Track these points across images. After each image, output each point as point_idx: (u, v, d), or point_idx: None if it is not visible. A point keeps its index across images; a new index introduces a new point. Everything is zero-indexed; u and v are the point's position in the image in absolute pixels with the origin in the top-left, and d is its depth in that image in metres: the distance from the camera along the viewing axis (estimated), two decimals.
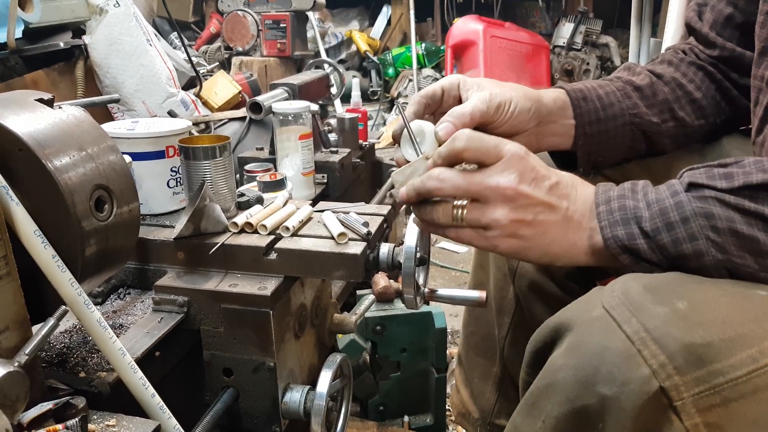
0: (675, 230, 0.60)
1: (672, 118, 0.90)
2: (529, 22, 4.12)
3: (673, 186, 0.62)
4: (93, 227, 0.66)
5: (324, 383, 0.85)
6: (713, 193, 0.59)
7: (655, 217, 0.61)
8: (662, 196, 0.62)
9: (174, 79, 2.16)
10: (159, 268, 0.91)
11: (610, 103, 0.87)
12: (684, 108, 0.90)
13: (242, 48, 3.37)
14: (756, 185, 0.58)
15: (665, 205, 0.61)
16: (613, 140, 0.88)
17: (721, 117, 0.92)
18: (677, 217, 0.60)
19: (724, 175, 0.60)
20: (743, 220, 0.58)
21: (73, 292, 0.63)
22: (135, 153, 0.98)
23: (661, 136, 0.90)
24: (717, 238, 0.59)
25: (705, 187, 0.60)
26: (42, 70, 1.93)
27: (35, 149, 0.62)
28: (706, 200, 0.60)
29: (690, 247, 0.60)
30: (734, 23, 0.88)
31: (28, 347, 0.59)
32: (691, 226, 0.60)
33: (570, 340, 0.58)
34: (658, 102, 0.89)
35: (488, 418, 1.16)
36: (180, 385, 0.88)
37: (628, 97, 0.88)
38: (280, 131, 1.24)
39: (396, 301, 1.43)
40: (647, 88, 0.89)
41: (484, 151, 0.64)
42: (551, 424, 0.58)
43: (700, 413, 0.52)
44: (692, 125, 0.91)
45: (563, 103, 0.85)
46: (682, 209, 0.60)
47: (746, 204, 0.58)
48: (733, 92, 0.91)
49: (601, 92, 0.87)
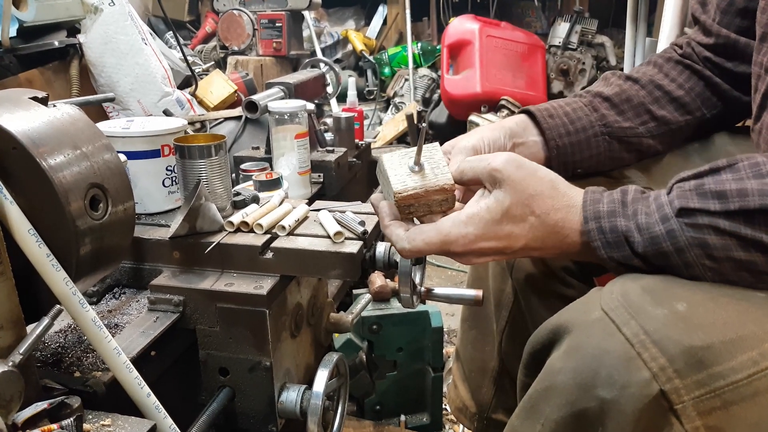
0: (669, 259, 0.59)
1: (652, 119, 0.91)
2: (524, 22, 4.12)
3: (662, 208, 0.59)
4: (88, 226, 0.66)
5: (320, 383, 0.85)
6: (707, 220, 0.57)
7: (647, 245, 0.60)
8: (652, 220, 0.60)
9: (169, 78, 2.16)
10: (154, 267, 0.90)
11: (578, 118, 0.90)
12: (665, 107, 0.92)
13: (238, 47, 3.36)
14: (753, 210, 0.56)
15: (656, 233, 0.59)
16: (587, 151, 0.91)
17: (711, 111, 0.93)
18: (671, 248, 0.58)
19: (716, 194, 0.57)
20: (740, 246, 0.57)
21: (68, 291, 0.63)
22: (130, 152, 0.97)
23: (642, 137, 0.92)
24: (713, 265, 0.58)
25: (697, 212, 0.58)
26: (36, 69, 1.92)
27: (29, 147, 0.62)
28: (700, 229, 0.57)
29: (686, 273, 0.59)
30: (735, 8, 0.89)
31: (23, 347, 0.58)
32: (686, 257, 0.58)
33: (569, 342, 0.58)
34: (632, 106, 0.91)
35: (486, 412, 1.16)
36: (176, 385, 0.87)
37: (596, 109, 0.91)
38: (276, 130, 1.24)
39: (392, 300, 1.43)
40: (616, 96, 0.92)
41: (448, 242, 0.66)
42: (550, 428, 0.58)
43: (701, 416, 0.51)
44: (677, 121, 0.92)
45: (526, 124, 0.89)
46: (675, 239, 0.58)
47: (743, 231, 0.56)
48: (724, 86, 0.92)
49: (568, 109, 0.91)
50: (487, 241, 0.65)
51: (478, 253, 0.67)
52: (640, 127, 0.91)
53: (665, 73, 0.93)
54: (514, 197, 0.64)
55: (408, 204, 0.66)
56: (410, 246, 0.66)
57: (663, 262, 0.60)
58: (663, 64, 0.95)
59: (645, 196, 0.63)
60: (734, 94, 0.91)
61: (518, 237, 0.65)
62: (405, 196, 0.65)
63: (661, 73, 0.93)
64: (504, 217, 0.64)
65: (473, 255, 0.67)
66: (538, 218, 0.64)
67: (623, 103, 0.91)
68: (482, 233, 0.65)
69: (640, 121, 0.91)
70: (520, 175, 0.65)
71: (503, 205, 0.64)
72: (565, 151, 0.90)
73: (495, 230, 0.65)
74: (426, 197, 0.66)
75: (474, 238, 0.65)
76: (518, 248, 0.65)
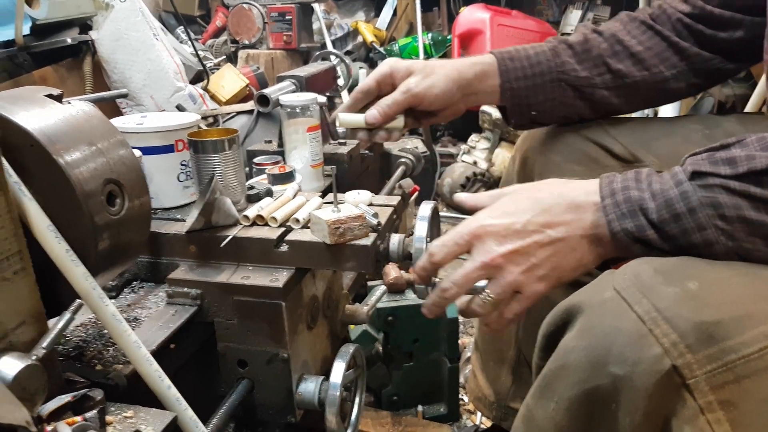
0: (683, 221, 0.60)
1: (607, 71, 0.95)
2: (536, 10, 4.07)
3: (676, 175, 0.62)
4: (105, 221, 0.67)
5: (338, 374, 0.86)
6: (718, 181, 0.59)
7: (662, 208, 0.61)
8: (666, 186, 0.61)
9: (181, 73, 2.16)
10: (171, 261, 0.91)
11: (537, 62, 0.95)
12: (622, 61, 0.95)
13: (248, 41, 3.36)
14: (760, 170, 0.57)
15: (670, 196, 0.60)
16: (542, 95, 0.95)
17: (671, 70, 0.95)
18: (684, 208, 0.60)
19: (727, 161, 0.59)
20: (751, 206, 0.58)
21: (88, 286, 0.63)
22: (145, 147, 0.98)
23: (596, 88, 0.95)
24: (726, 226, 0.59)
25: (709, 174, 0.59)
26: (50, 66, 1.94)
27: (46, 145, 0.63)
28: (711, 189, 0.59)
29: (699, 237, 0.60)
30: None
31: (45, 341, 0.59)
32: (699, 217, 0.59)
33: (581, 322, 0.58)
34: (591, 57, 0.95)
35: (503, 401, 1.17)
36: (195, 377, 0.88)
37: (558, 55, 0.95)
38: (288, 124, 1.24)
39: (407, 291, 1.43)
40: (579, 45, 0.96)
41: (457, 249, 0.71)
42: (564, 406, 0.58)
43: (713, 391, 0.51)
44: (633, 76, 0.95)
45: (484, 73, 0.94)
46: (688, 199, 0.60)
47: (752, 189, 0.58)
48: (683, 45, 0.94)
49: (531, 52, 0.95)
50: (494, 219, 0.68)
51: (493, 235, 0.68)
52: (596, 78, 0.95)
53: (628, 30, 0.96)
54: (519, 190, 0.70)
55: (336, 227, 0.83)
56: (436, 243, 0.72)
57: (676, 228, 0.60)
58: (628, 22, 0.98)
59: (659, 173, 0.64)
60: (703, 56, 0.94)
61: (525, 210, 0.67)
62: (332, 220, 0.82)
63: (624, 30, 0.96)
64: (507, 200, 0.70)
65: (489, 239, 0.68)
66: (545, 191, 0.68)
67: (584, 52, 0.95)
68: (487, 214, 0.69)
69: (597, 72, 0.95)
70: (525, 184, 0.71)
71: (504, 192, 0.71)
72: (519, 93, 0.95)
73: (498, 209, 0.69)
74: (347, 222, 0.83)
75: (481, 216, 0.69)
76: (526, 220, 0.67)
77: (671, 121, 1.03)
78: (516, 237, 0.67)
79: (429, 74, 0.90)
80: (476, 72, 0.94)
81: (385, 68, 0.92)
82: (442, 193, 2.83)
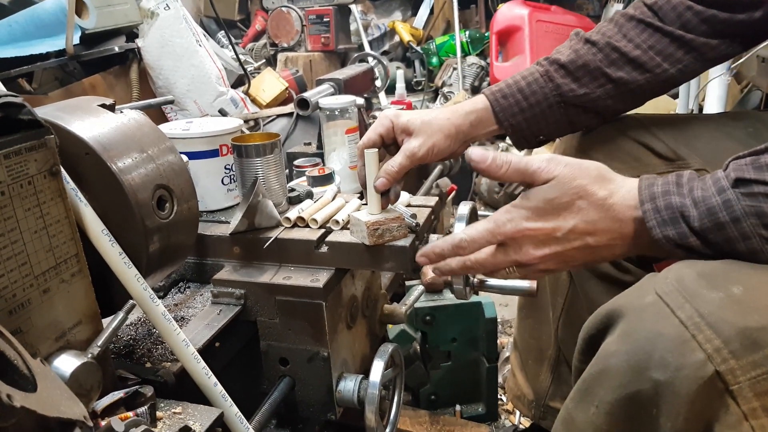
0: (726, 230, 0.59)
1: (608, 81, 0.93)
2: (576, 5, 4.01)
3: (719, 181, 0.60)
4: (156, 225, 0.69)
5: (377, 372, 0.87)
6: (763, 189, 0.57)
7: (704, 216, 0.60)
8: (708, 193, 0.60)
9: (223, 77, 2.22)
10: (216, 262, 0.94)
11: (532, 92, 0.94)
12: (622, 68, 0.93)
13: (287, 44, 3.41)
14: None
15: (713, 204, 0.59)
16: (543, 121, 0.95)
17: (676, 65, 0.92)
18: (727, 218, 0.58)
19: None
20: None
21: (140, 287, 0.66)
22: (191, 152, 1.01)
23: (599, 100, 0.94)
24: None
25: (753, 182, 0.58)
26: (99, 74, 2.01)
27: (100, 152, 0.66)
28: (756, 197, 0.58)
29: (743, 246, 0.58)
30: None
31: (100, 339, 0.62)
32: (743, 226, 0.58)
33: (622, 326, 0.58)
34: (588, 72, 0.94)
35: (543, 400, 1.17)
36: (239, 375, 0.91)
37: (551, 79, 0.94)
38: (327, 126, 1.26)
39: (445, 291, 1.44)
40: (571, 63, 0.94)
41: (487, 247, 0.71)
42: (605, 410, 0.58)
43: (758, 397, 0.51)
44: (635, 81, 0.93)
45: (479, 120, 0.95)
46: (731, 209, 0.58)
47: None
48: (699, 41, 0.90)
49: (523, 84, 0.95)
50: (534, 222, 0.67)
51: (532, 240, 0.67)
52: (598, 90, 0.94)
53: (624, 33, 0.94)
54: (558, 188, 0.66)
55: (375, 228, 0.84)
56: (467, 236, 0.71)
57: (719, 237, 0.59)
58: (624, 23, 0.95)
59: (701, 177, 0.63)
60: (710, 44, 0.90)
61: (567, 217, 0.66)
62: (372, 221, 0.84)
63: (619, 34, 0.94)
64: (549, 204, 0.67)
65: (527, 243, 0.68)
66: (587, 201, 0.66)
67: (579, 69, 0.94)
68: (528, 215, 0.67)
69: (596, 85, 0.94)
70: (565, 171, 0.66)
71: (547, 195, 0.67)
72: (520, 127, 0.95)
73: (540, 211, 0.67)
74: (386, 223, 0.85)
75: (520, 219, 0.68)
76: (568, 229, 0.66)
77: (715, 118, 1.01)
78: (555, 243, 0.67)
79: (429, 134, 0.90)
80: (471, 122, 0.95)
81: (386, 122, 0.93)
82: (480, 192, 2.82)
